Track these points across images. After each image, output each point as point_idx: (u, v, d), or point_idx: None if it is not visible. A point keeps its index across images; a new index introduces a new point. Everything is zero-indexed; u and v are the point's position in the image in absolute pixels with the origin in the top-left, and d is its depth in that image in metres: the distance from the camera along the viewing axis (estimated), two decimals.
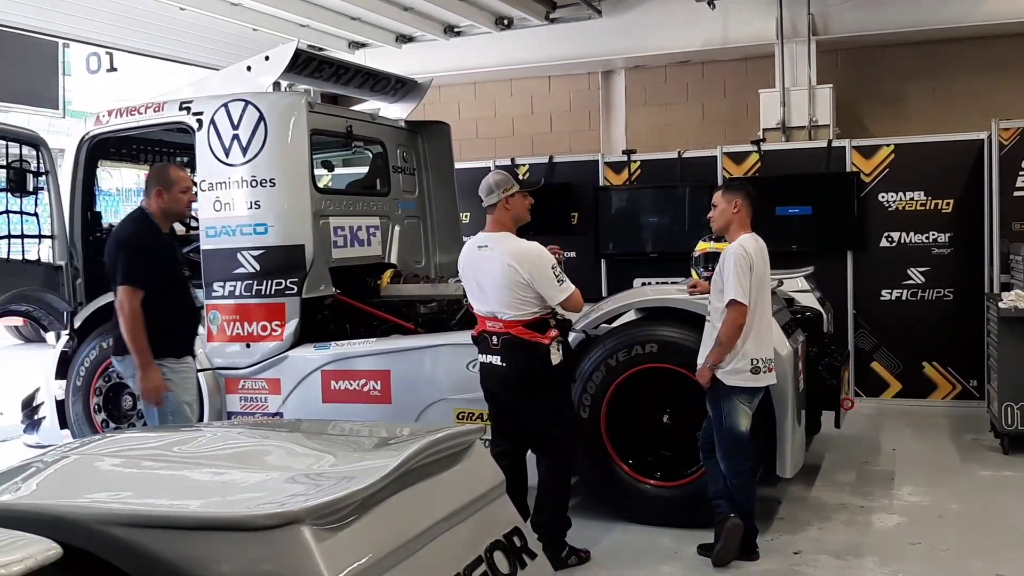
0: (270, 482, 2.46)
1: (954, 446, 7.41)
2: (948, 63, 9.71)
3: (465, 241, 5.45)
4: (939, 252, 8.78)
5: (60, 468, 2.76)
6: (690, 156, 9.64)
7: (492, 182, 4.99)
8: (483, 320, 4.99)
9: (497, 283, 4.85)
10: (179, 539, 2.21)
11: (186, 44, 10.22)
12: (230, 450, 2.90)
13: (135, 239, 5.12)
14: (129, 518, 2.28)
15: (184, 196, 5.23)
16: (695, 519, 5.34)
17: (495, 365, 4.95)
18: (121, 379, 6.69)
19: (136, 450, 2.96)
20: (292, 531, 2.12)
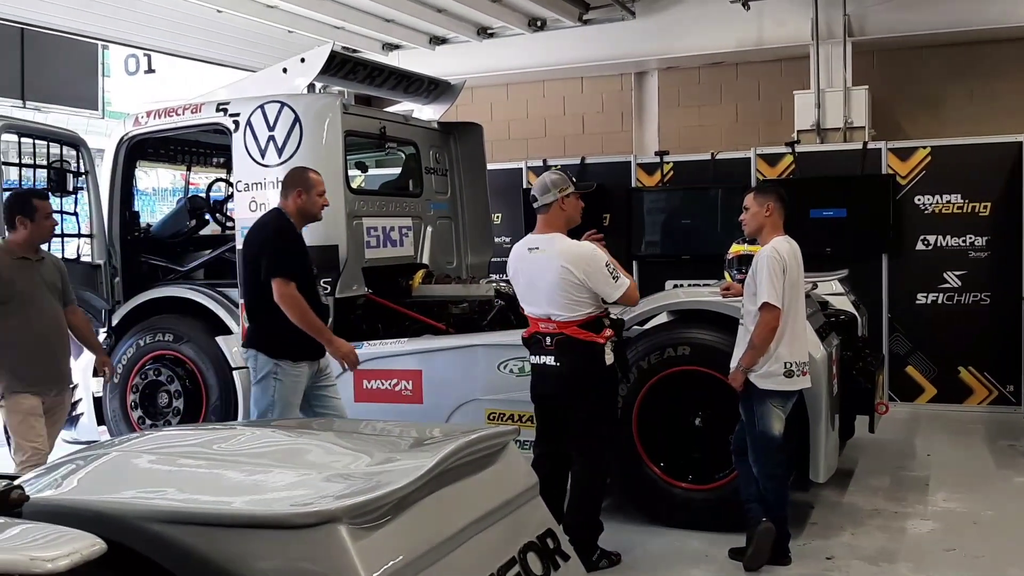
0: (307, 481, 2.49)
1: (990, 452, 7.32)
2: (987, 64, 9.59)
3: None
4: (976, 256, 8.67)
5: (101, 465, 2.81)
6: (723, 158, 9.60)
7: (549, 181, 4.95)
8: (535, 322, 4.97)
9: (550, 285, 4.83)
10: (218, 536, 2.24)
11: (223, 46, 10.33)
12: (268, 448, 2.94)
13: (278, 234, 5.21)
14: (169, 515, 2.32)
15: (320, 199, 5.31)
16: (727, 523, 5.32)
17: (548, 366, 4.91)
18: (151, 376, 6.81)
19: (176, 448, 3.00)
20: (329, 530, 2.15)
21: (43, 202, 5.33)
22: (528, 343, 5.05)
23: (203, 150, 8.27)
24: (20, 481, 2.53)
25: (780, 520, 4.97)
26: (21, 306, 5.09)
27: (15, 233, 5.20)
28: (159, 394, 6.87)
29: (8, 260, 5.14)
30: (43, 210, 5.25)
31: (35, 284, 5.19)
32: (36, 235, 5.23)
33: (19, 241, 5.19)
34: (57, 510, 2.36)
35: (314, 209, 5.32)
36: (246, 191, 6.55)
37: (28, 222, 5.15)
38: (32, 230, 5.18)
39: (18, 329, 5.07)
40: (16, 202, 5.29)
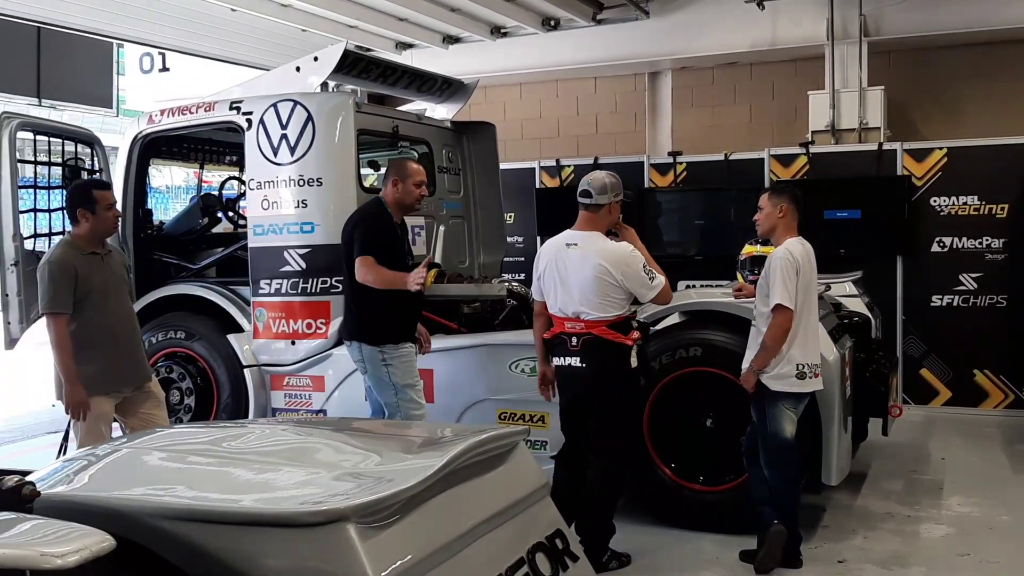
0: (317, 479, 2.49)
1: (1005, 456, 7.26)
2: (1004, 65, 9.52)
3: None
4: (993, 258, 8.61)
5: (112, 462, 2.81)
6: (737, 158, 9.56)
7: (608, 183, 4.94)
8: (561, 321, 4.91)
9: (586, 283, 4.81)
10: (227, 533, 2.24)
11: (236, 44, 10.37)
12: (277, 447, 2.93)
13: (367, 220, 5.34)
14: (179, 512, 2.31)
15: (416, 189, 5.35)
16: (738, 525, 5.29)
17: (574, 367, 4.86)
18: None
19: (186, 445, 3.00)
20: (338, 529, 2.14)
21: (103, 192, 5.09)
22: (551, 344, 4.99)
23: (216, 148, 8.30)
24: (31, 477, 2.54)
25: (792, 523, 4.94)
26: (97, 304, 4.91)
27: (78, 227, 4.99)
28: (171, 391, 6.86)
29: (78, 256, 4.92)
30: (104, 201, 5.00)
31: (107, 279, 5.01)
32: (99, 227, 4.99)
33: (83, 235, 4.98)
34: (68, 506, 2.37)
35: (409, 199, 5.36)
36: (258, 189, 6.57)
37: (89, 215, 4.94)
38: (94, 223, 4.95)
39: (96, 328, 4.91)
40: (76, 194, 5.11)
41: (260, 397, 6.66)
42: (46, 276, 4.84)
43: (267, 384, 6.69)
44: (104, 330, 4.95)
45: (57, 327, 4.81)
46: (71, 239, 5.04)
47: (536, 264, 5.08)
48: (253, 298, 6.62)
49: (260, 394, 6.66)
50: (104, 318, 4.94)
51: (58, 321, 4.81)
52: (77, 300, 4.85)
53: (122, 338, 5.06)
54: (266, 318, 6.60)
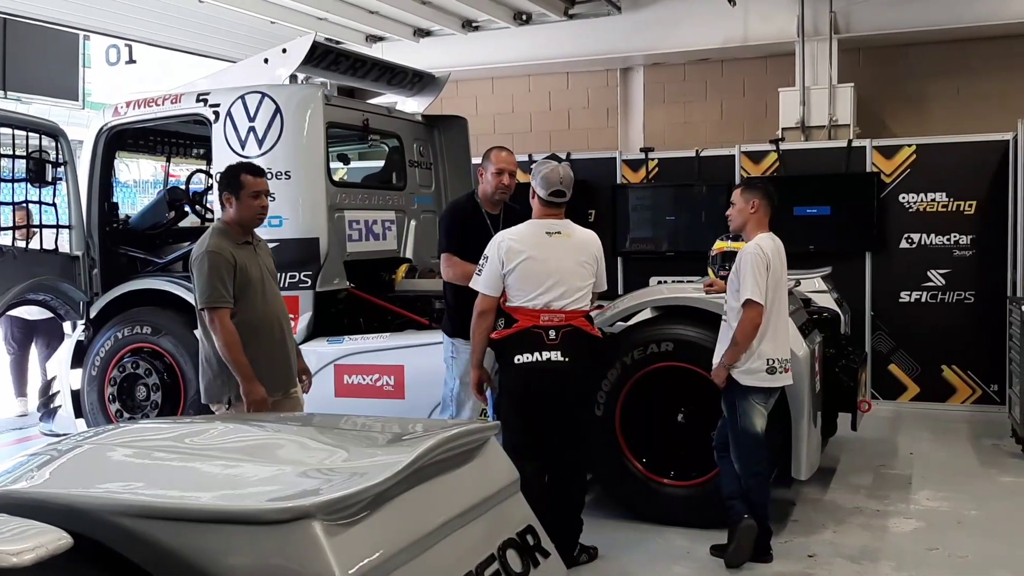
0: (281, 476, 2.44)
1: (973, 451, 7.33)
2: (973, 62, 9.61)
3: None
4: (960, 254, 8.69)
5: (73, 458, 2.75)
6: (708, 155, 9.57)
7: (572, 178, 4.82)
8: (533, 314, 4.61)
9: (571, 270, 4.69)
10: (189, 531, 2.19)
11: (204, 36, 10.24)
12: (242, 443, 2.88)
13: (451, 214, 5.33)
14: (140, 509, 2.26)
15: (495, 179, 5.18)
16: (709, 519, 5.30)
17: (554, 362, 4.57)
18: None
19: (148, 441, 2.94)
20: (303, 526, 2.09)
21: (254, 178, 4.68)
22: (517, 340, 4.62)
23: (183, 141, 8.19)
24: None
25: (762, 517, 4.95)
26: (255, 297, 4.60)
27: (225, 213, 4.68)
28: (137, 387, 6.80)
29: (231, 244, 4.59)
30: (250, 187, 4.63)
31: (262, 271, 4.68)
32: (241, 215, 4.63)
33: (231, 222, 4.64)
34: (26, 503, 2.30)
35: (490, 188, 5.23)
36: None
37: (233, 199, 4.61)
38: (237, 209, 4.62)
39: (256, 323, 4.60)
40: (225, 176, 4.74)
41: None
42: (205, 267, 4.48)
43: None
44: (262, 326, 4.65)
45: (223, 322, 4.46)
46: (222, 226, 4.70)
47: (502, 257, 4.66)
48: None
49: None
50: (262, 313, 4.65)
51: (222, 315, 4.47)
52: (235, 293, 4.54)
53: (278, 336, 4.75)
54: None
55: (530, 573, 2.63)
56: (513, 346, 4.64)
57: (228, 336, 4.46)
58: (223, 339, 4.46)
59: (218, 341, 4.49)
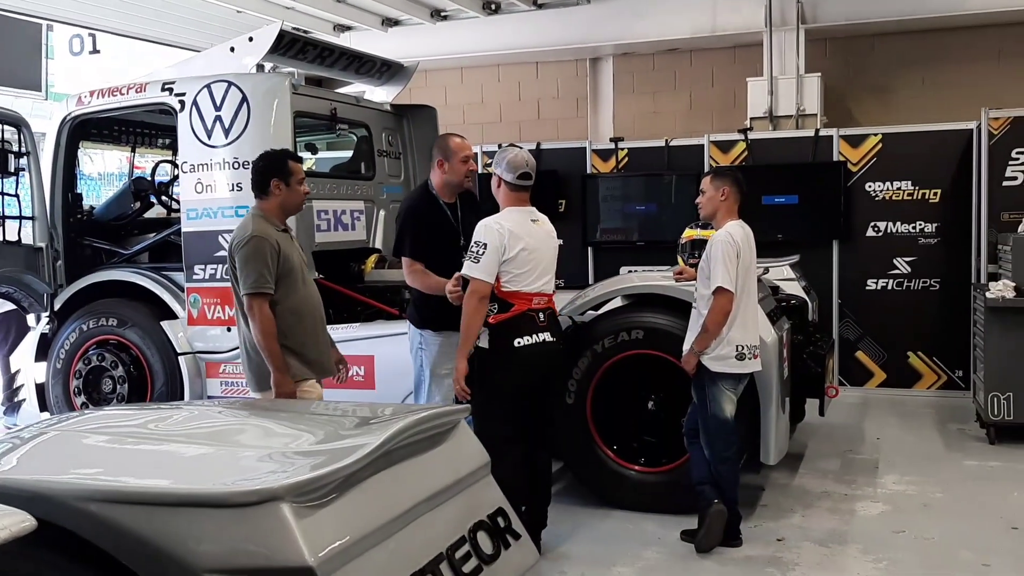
0: (249, 459, 2.42)
1: (939, 436, 7.43)
2: (937, 52, 9.71)
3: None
4: (926, 242, 8.79)
5: (38, 444, 2.72)
6: (677, 144, 9.60)
7: (533, 166, 4.83)
8: (527, 298, 4.69)
9: (550, 256, 4.85)
10: (156, 516, 2.17)
11: (170, 26, 10.13)
12: (209, 428, 2.86)
13: (410, 212, 5.21)
14: (106, 494, 2.24)
15: (463, 166, 5.10)
16: (679, 505, 5.33)
17: (548, 343, 4.70)
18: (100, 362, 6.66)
19: (115, 427, 2.91)
20: (271, 508, 2.09)
21: (298, 164, 4.69)
22: (511, 324, 4.66)
23: (148, 131, 8.09)
24: None
25: (731, 502, 4.99)
26: (296, 282, 4.54)
27: (267, 200, 4.57)
28: (103, 380, 6.72)
29: (273, 231, 4.50)
30: (297, 173, 4.61)
31: (300, 257, 4.64)
32: (289, 201, 4.61)
33: (273, 209, 4.57)
34: None
35: (457, 177, 5.14)
36: (192, 172, 6.41)
37: (283, 186, 4.55)
38: (286, 195, 4.57)
39: (301, 308, 4.55)
40: (270, 163, 4.65)
41: (195, 385, 6.52)
42: (250, 252, 4.40)
43: (203, 372, 6.55)
44: (306, 310, 4.61)
45: (262, 309, 4.39)
46: (262, 213, 4.59)
47: (505, 243, 4.64)
48: (187, 284, 6.47)
49: (195, 382, 6.52)
50: (304, 297, 4.61)
51: (262, 303, 4.39)
52: (278, 279, 4.47)
53: (320, 321, 4.74)
54: (201, 304, 6.45)
55: (501, 555, 2.63)
56: (512, 330, 4.67)
57: (267, 324, 4.41)
58: (261, 327, 4.41)
59: (255, 328, 4.42)
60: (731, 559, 4.88)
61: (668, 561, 4.88)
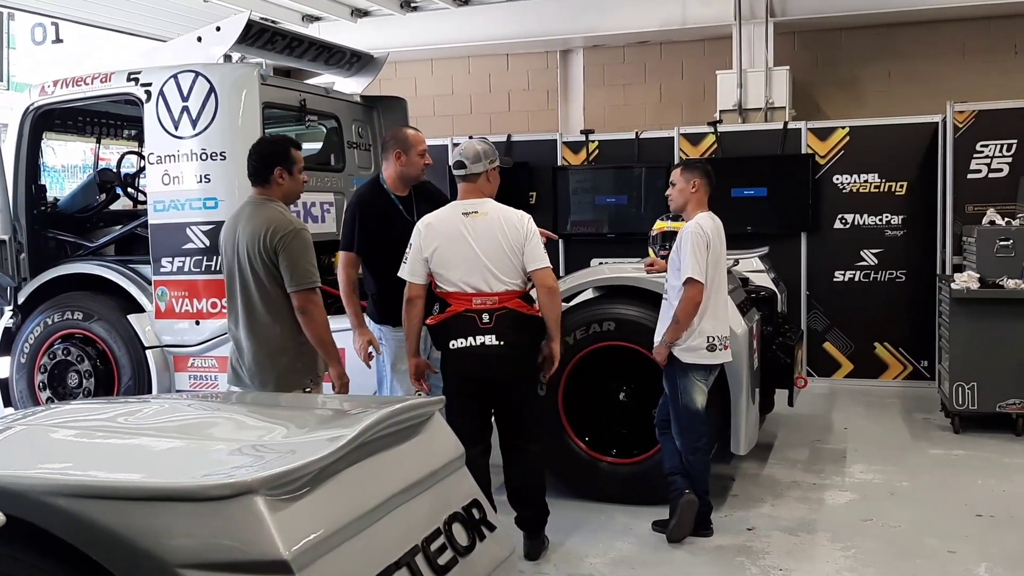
0: (222, 453, 2.39)
1: (905, 425, 7.52)
2: (903, 46, 9.81)
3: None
4: (892, 234, 8.89)
5: (5, 438, 2.67)
6: (647, 137, 9.63)
7: (481, 150, 4.68)
8: (465, 298, 4.49)
9: (498, 248, 4.50)
10: (127, 510, 2.14)
11: (135, 15, 9.98)
12: (180, 421, 2.82)
13: (356, 205, 5.12)
14: (76, 489, 2.20)
15: (420, 160, 5.08)
16: (650, 496, 5.36)
17: (488, 346, 4.43)
18: None
19: (83, 421, 2.86)
20: (245, 502, 2.06)
21: (299, 152, 4.50)
22: (448, 326, 4.51)
23: (114, 121, 7.97)
24: None
25: (702, 492, 5.02)
26: None
27: (270, 189, 4.38)
28: (68, 374, 6.63)
29: None
30: (299, 162, 4.45)
31: None
32: (292, 192, 4.48)
33: (278, 198, 4.39)
34: None
35: (415, 171, 5.10)
36: (158, 164, 6.33)
37: (286, 175, 4.38)
38: (288, 186, 4.41)
39: None
40: (273, 151, 4.44)
41: (163, 379, 6.44)
42: (303, 244, 4.28)
43: (171, 366, 6.48)
44: None
45: (319, 303, 4.33)
46: (275, 202, 4.42)
47: (422, 242, 4.55)
48: (154, 277, 6.40)
49: (163, 376, 6.45)
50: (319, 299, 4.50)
51: (318, 297, 4.33)
52: None
53: None
54: (168, 297, 6.38)
55: (476, 546, 2.63)
56: (447, 331, 4.53)
57: (324, 317, 4.35)
58: (321, 320, 4.33)
59: (315, 322, 4.31)
60: (702, 549, 4.92)
61: (640, 552, 4.90)
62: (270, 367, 4.42)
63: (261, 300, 4.38)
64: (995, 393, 6.95)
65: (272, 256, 4.30)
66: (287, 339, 4.39)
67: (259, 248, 4.30)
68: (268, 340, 4.40)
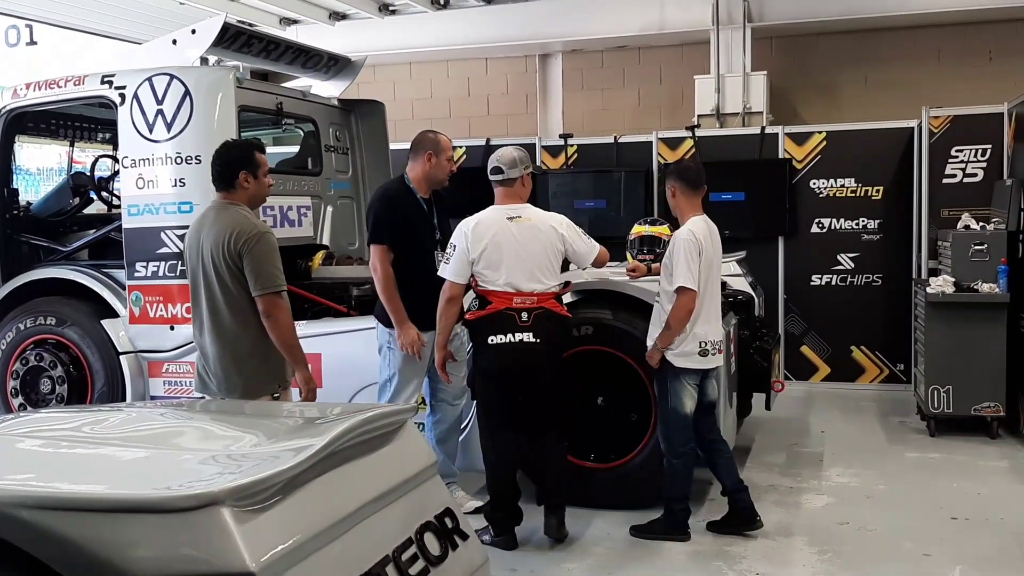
0: (189, 463, 2.36)
1: (882, 428, 7.56)
2: (880, 52, 9.87)
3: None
4: (868, 238, 8.94)
5: None
6: (626, 141, 9.65)
7: (517, 156, 5.00)
8: (507, 297, 4.78)
9: (542, 251, 4.84)
10: (92, 522, 2.10)
11: (110, 17, 9.89)
12: (148, 430, 2.78)
13: (386, 200, 5.21)
14: (39, 500, 2.17)
15: (448, 164, 5.28)
16: (628, 500, 5.37)
17: (526, 343, 4.74)
18: None
19: (50, 430, 2.82)
20: (211, 513, 2.03)
21: (264, 156, 4.46)
22: (488, 322, 4.78)
23: (87, 125, 7.89)
24: None
25: (681, 496, 5.02)
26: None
27: (235, 193, 4.35)
28: (41, 380, 6.56)
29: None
30: (264, 166, 4.42)
31: None
32: (258, 196, 4.46)
33: (243, 203, 4.36)
34: None
35: (442, 174, 5.29)
36: (133, 167, 6.27)
37: (252, 179, 4.35)
38: (255, 188, 4.38)
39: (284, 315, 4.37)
40: (237, 155, 4.42)
41: (137, 385, 6.38)
42: (267, 248, 4.27)
43: (145, 371, 6.42)
44: None
45: (286, 307, 4.32)
46: (239, 206, 4.38)
47: (468, 244, 4.81)
48: (128, 281, 6.33)
49: (137, 382, 6.39)
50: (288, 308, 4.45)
51: (284, 300, 4.32)
52: None
53: None
54: (143, 302, 6.32)
55: (448, 556, 2.60)
56: (487, 327, 4.79)
57: (290, 321, 4.34)
58: (287, 324, 4.32)
59: (281, 327, 4.30)
60: (680, 553, 4.91)
61: (618, 557, 4.89)
62: (237, 373, 4.38)
63: (227, 305, 4.34)
64: (970, 396, 7.00)
65: (237, 260, 4.28)
66: (254, 344, 4.36)
67: (223, 252, 4.28)
68: (234, 346, 4.37)
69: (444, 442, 5.52)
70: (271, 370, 4.43)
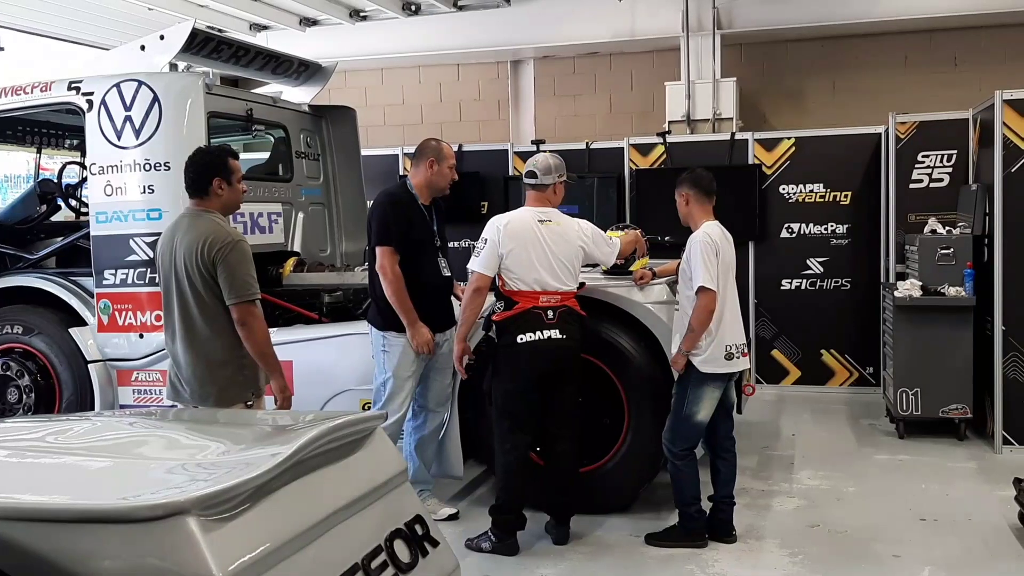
0: (155, 472, 2.34)
1: (851, 431, 7.62)
2: (847, 58, 9.99)
3: None
4: (837, 243, 9.02)
5: None
6: (598, 147, 9.69)
7: (553, 164, 5.14)
8: (533, 296, 4.90)
9: (570, 254, 5.00)
10: (55, 533, 2.07)
11: (78, 23, 9.81)
12: (113, 440, 2.75)
13: (391, 203, 5.26)
14: (1, 511, 2.12)
15: (450, 173, 5.37)
16: (601, 505, 5.40)
17: (554, 339, 4.88)
18: None
19: (15, 440, 2.78)
20: (176, 522, 2.01)
21: (237, 162, 4.39)
22: (520, 320, 4.89)
23: (55, 131, 7.81)
24: None
25: (691, 499, 5.05)
26: None
27: (208, 200, 4.29)
28: (8, 390, 6.45)
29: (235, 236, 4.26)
30: (238, 172, 4.36)
31: None
32: (231, 203, 4.40)
33: (216, 210, 4.31)
34: None
35: (444, 182, 5.38)
36: (101, 174, 6.20)
37: (226, 185, 4.29)
38: (228, 195, 4.32)
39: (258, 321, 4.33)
40: (210, 161, 4.35)
41: (107, 394, 6.30)
42: (241, 256, 4.21)
43: (114, 380, 6.34)
44: None
45: (260, 315, 4.28)
46: (212, 213, 4.32)
47: (500, 239, 4.94)
48: (97, 289, 6.26)
49: (107, 391, 6.31)
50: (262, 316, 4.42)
51: (258, 309, 4.27)
52: None
53: None
54: (111, 310, 6.25)
55: (419, 563, 2.59)
56: (515, 326, 4.90)
57: (264, 329, 4.31)
58: (261, 332, 4.29)
59: (255, 335, 4.26)
60: (652, 557, 4.93)
61: (590, 561, 4.90)
62: (210, 381, 4.35)
63: (200, 313, 4.31)
64: (938, 399, 7.08)
65: (211, 268, 4.24)
66: (227, 352, 4.33)
67: (197, 261, 4.24)
68: (208, 354, 4.34)
69: (422, 449, 5.51)
70: (245, 378, 4.40)
